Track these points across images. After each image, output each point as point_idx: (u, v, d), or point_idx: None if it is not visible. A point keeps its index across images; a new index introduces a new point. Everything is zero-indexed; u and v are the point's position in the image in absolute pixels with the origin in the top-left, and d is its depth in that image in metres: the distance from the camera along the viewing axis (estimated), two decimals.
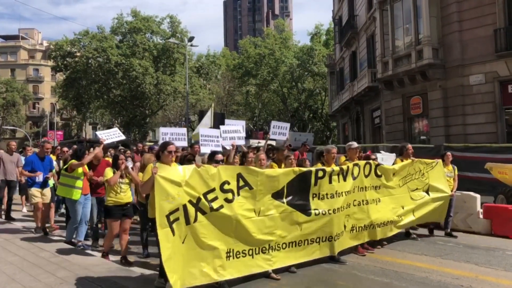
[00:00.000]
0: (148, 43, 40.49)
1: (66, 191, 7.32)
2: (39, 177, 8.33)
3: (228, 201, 5.18)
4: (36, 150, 9.41)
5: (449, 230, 8.59)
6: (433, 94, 18.96)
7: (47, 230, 8.46)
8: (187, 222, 4.81)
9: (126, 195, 6.43)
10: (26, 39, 76.53)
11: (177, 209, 4.73)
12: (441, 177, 8.36)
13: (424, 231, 8.83)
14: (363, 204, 6.89)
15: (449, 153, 8.93)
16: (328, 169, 6.34)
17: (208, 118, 10.08)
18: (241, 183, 5.34)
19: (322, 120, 49.01)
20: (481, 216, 9.06)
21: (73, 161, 7.27)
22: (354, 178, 6.70)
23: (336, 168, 6.45)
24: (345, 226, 6.55)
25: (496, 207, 9.22)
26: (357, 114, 29.22)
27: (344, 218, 6.51)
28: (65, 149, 11.36)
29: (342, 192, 6.42)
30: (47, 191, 8.50)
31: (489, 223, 8.87)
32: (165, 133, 9.12)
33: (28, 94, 67.30)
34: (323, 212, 6.08)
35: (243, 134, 8.51)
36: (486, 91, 17.20)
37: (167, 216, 4.64)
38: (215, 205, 5.05)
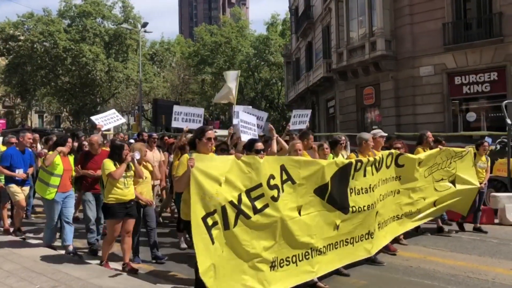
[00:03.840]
0: (99, 28, 38.78)
1: (41, 188, 6.24)
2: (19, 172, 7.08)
3: (274, 199, 4.41)
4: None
5: (478, 225, 7.99)
6: (385, 85, 19.58)
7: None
8: (226, 227, 4.03)
9: (130, 191, 5.47)
10: None
11: (214, 211, 3.94)
12: (470, 167, 7.71)
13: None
14: (386, 198, 6.19)
15: (486, 142, 8.19)
16: (364, 160, 5.67)
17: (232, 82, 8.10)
18: (284, 176, 4.57)
19: (278, 110, 49.37)
20: None
21: (50, 153, 6.23)
22: (378, 170, 6.00)
23: (371, 159, 5.79)
24: (377, 224, 5.92)
25: None
26: (313, 104, 29.68)
27: (375, 215, 5.84)
28: None
29: (373, 186, 5.75)
30: (26, 189, 7.33)
31: None
32: (178, 112, 7.69)
33: None
34: (359, 209, 5.40)
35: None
36: (435, 82, 18.00)
37: (204, 219, 3.86)
38: (259, 204, 4.26)
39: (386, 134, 6.95)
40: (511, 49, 16.20)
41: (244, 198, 4.16)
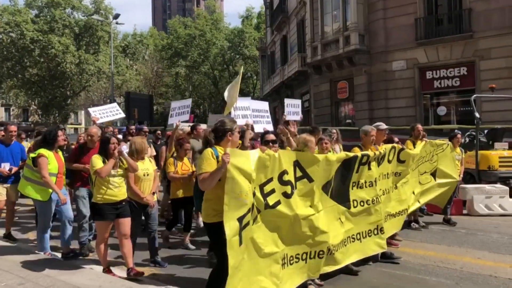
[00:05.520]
0: (69, 19, 37.67)
1: (33, 189, 5.62)
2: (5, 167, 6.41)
3: (286, 196, 4.17)
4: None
5: (448, 216, 8.06)
6: (359, 79, 19.82)
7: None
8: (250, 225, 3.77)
9: (120, 191, 5.03)
10: None
11: (248, 211, 3.62)
12: (451, 161, 7.73)
13: None
14: (386, 193, 5.99)
15: (459, 134, 8.26)
16: (371, 153, 5.46)
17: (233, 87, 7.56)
18: (298, 173, 4.34)
19: None
20: None
21: (43, 152, 5.53)
22: (379, 164, 5.78)
23: (377, 152, 5.61)
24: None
25: None
26: (287, 97, 29.74)
27: (381, 209, 5.65)
28: None
29: (376, 180, 5.57)
30: (14, 187, 6.52)
31: None
32: (173, 108, 7.51)
33: None
34: (362, 203, 5.26)
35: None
36: (407, 76, 18.34)
37: (240, 220, 3.52)
38: (271, 200, 4.01)
39: (387, 127, 6.82)
40: (480, 45, 16.64)
41: (257, 193, 3.90)
